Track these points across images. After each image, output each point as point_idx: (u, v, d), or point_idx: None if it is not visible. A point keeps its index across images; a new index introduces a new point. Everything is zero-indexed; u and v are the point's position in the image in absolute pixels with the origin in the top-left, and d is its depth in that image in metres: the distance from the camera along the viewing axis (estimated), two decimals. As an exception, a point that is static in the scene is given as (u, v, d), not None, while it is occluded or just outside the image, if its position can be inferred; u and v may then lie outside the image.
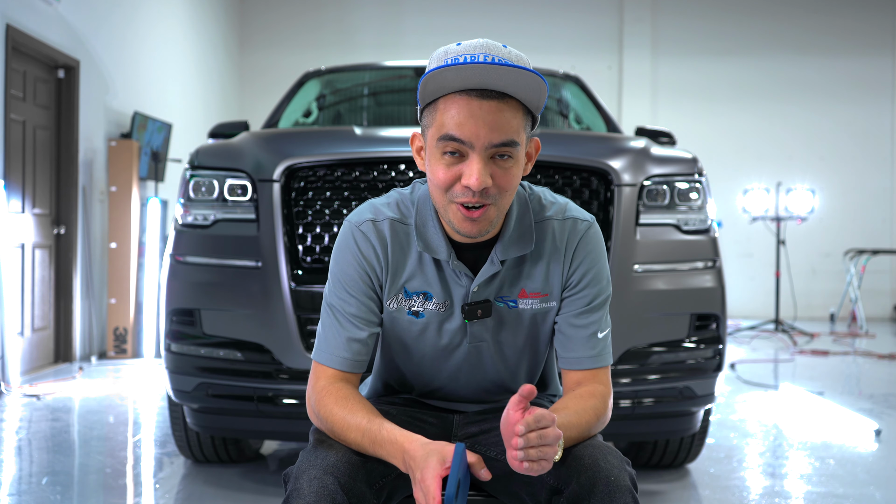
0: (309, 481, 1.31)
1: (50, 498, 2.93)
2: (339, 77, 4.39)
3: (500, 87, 1.33)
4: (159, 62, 7.83)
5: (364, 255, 1.47)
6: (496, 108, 1.33)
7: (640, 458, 3.31)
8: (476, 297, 1.48)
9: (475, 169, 1.34)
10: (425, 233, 1.46)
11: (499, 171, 1.36)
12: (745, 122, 10.48)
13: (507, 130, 1.34)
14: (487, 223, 1.39)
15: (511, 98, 1.35)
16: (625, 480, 1.32)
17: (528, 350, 1.56)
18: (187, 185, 2.93)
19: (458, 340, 1.51)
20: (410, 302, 1.49)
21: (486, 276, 1.46)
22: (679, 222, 2.91)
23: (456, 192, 1.37)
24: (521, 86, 1.33)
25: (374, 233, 1.48)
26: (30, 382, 5.08)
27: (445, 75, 1.32)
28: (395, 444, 1.33)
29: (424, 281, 1.48)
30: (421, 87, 1.35)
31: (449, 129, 1.34)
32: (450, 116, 1.34)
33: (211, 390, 2.82)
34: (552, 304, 1.51)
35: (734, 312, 9.72)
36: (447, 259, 1.46)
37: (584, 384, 1.49)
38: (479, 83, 1.32)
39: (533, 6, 10.41)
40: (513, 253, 1.46)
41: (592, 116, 4.07)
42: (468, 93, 1.33)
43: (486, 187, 1.35)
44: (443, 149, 1.36)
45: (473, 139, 1.33)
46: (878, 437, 4.00)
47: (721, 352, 2.92)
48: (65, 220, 5.98)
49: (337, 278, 1.49)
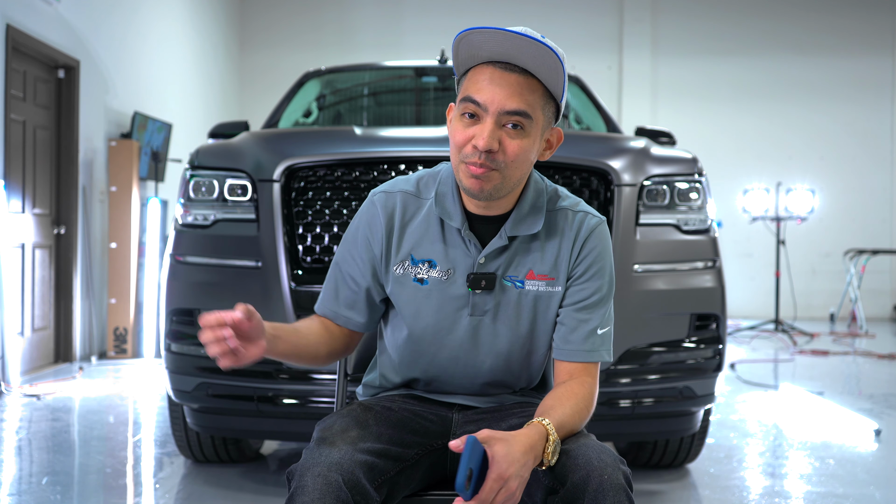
0: (313, 478, 1.32)
1: (50, 498, 2.93)
2: (339, 77, 4.39)
3: (521, 62, 1.42)
4: (159, 62, 7.84)
5: (369, 223, 1.58)
6: (516, 81, 1.43)
7: (640, 457, 3.31)
8: (482, 269, 1.53)
9: (486, 130, 1.42)
10: (444, 201, 1.55)
11: (508, 139, 1.44)
12: (745, 122, 10.48)
13: (521, 101, 1.43)
14: (490, 185, 1.45)
15: (533, 78, 1.44)
16: (619, 479, 1.33)
17: (527, 340, 1.57)
18: (187, 185, 2.93)
19: (460, 311, 1.55)
20: (416, 269, 1.56)
21: (493, 248, 1.52)
22: (679, 222, 2.91)
23: (466, 153, 1.45)
24: (542, 64, 1.42)
25: (383, 203, 1.58)
26: (30, 382, 5.08)
27: (474, 40, 1.41)
28: None
29: (431, 249, 1.55)
30: (454, 52, 1.45)
31: (470, 92, 1.45)
32: (473, 82, 1.45)
33: (211, 390, 2.82)
34: (557, 288, 1.55)
35: (734, 312, 9.72)
36: (460, 226, 1.52)
37: (575, 377, 1.53)
38: (504, 54, 1.42)
39: (533, 6, 10.41)
40: (522, 230, 1.53)
41: (592, 116, 4.07)
42: (494, 64, 1.44)
43: (491, 150, 1.42)
44: (463, 110, 1.46)
45: (488, 103, 1.43)
46: (878, 437, 4.00)
47: (721, 352, 2.92)
48: (65, 220, 5.99)
49: (346, 239, 1.62)
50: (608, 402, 2.80)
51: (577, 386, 1.50)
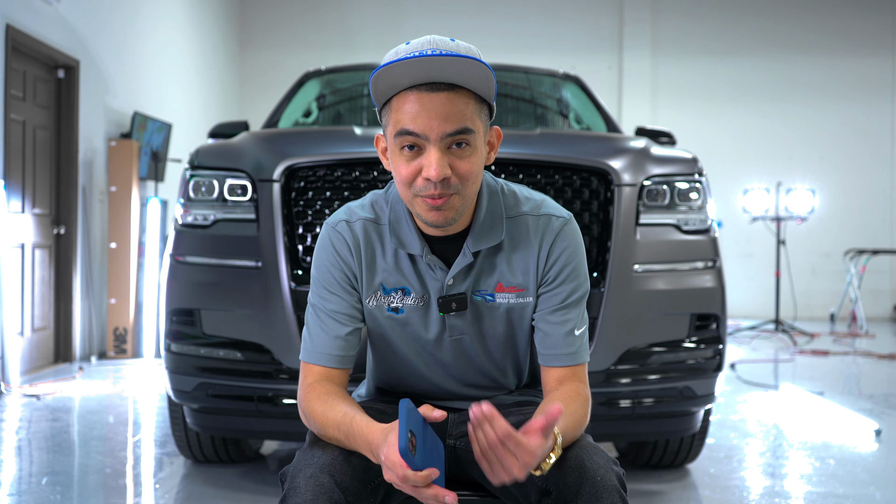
0: (305, 480, 1.31)
1: (50, 498, 2.93)
2: (339, 77, 4.38)
3: (447, 79, 1.36)
4: (159, 62, 7.83)
5: (339, 254, 1.51)
6: (447, 99, 1.36)
7: (640, 458, 3.31)
8: (451, 291, 1.50)
9: (433, 160, 1.36)
10: (399, 229, 1.50)
11: (457, 161, 1.39)
12: (745, 122, 10.48)
13: (459, 119, 1.37)
14: (452, 211, 1.41)
15: (461, 88, 1.38)
16: (612, 480, 1.32)
17: (510, 344, 1.57)
18: (187, 185, 2.93)
19: (439, 334, 1.53)
20: (389, 298, 1.52)
21: (459, 267, 1.48)
22: (679, 222, 2.91)
23: (418, 187, 1.39)
24: (468, 75, 1.36)
25: (348, 232, 1.51)
26: (30, 382, 5.08)
27: (393, 72, 1.35)
28: (362, 436, 1.33)
29: (401, 277, 1.51)
30: (372, 87, 1.38)
31: (404, 124, 1.37)
32: (403, 112, 1.38)
33: (211, 390, 2.82)
34: (528, 299, 1.52)
35: (734, 312, 9.72)
36: (420, 253, 1.48)
37: (565, 382, 1.50)
38: (427, 77, 1.35)
39: (533, 6, 10.41)
40: (484, 244, 1.48)
41: (592, 116, 4.07)
42: (418, 88, 1.36)
43: (446, 177, 1.37)
44: (401, 144, 1.39)
45: (427, 131, 1.36)
46: (878, 437, 4.00)
47: (721, 352, 2.91)
48: (65, 220, 5.99)
49: (317, 279, 1.53)
50: (608, 402, 2.80)
51: (573, 393, 1.47)
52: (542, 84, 4.32)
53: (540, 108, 4.19)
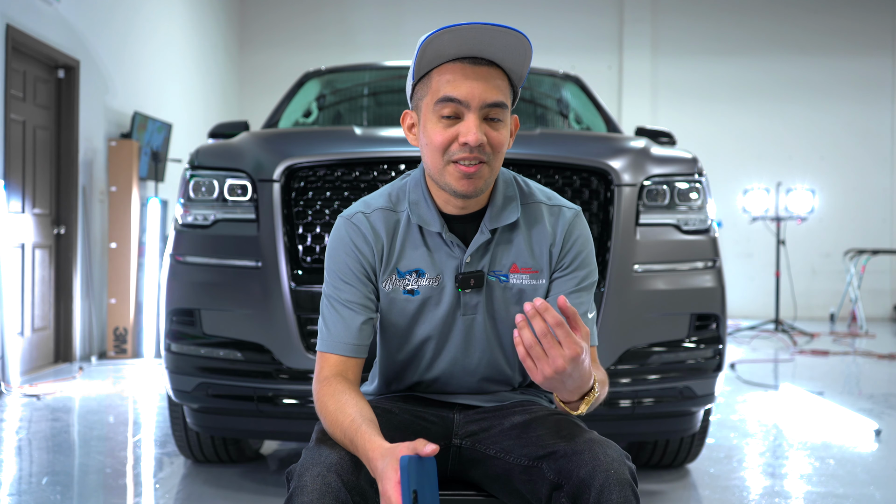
0: (312, 479, 1.31)
1: (50, 498, 2.93)
2: (339, 77, 4.38)
3: (489, 55, 1.44)
4: (159, 62, 7.83)
5: (356, 245, 1.54)
6: (487, 73, 1.45)
7: (640, 457, 3.31)
8: (469, 268, 1.53)
9: (472, 125, 1.44)
10: (419, 209, 1.54)
11: (491, 132, 1.46)
12: (745, 122, 10.48)
13: (498, 92, 1.46)
14: (482, 181, 1.47)
15: (498, 67, 1.46)
16: (625, 474, 1.34)
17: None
18: (187, 185, 2.93)
19: (453, 313, 1.55)
20: (404, 281, 1.55)
21: (477, 244, 1.53)
22: (679, 222, 2.91)
23: (454, 151, 1.45)
24: (511, 52, 1.44)
25: (365, 223, 1.55)
26: (30, 382, 5.08)
27: (442, 39, 1.41)
28: (364, 450, 1.32)
29: (415, 259, 1.55)
30: (419, 55, 1.44)
31: (446, 91, 1.45)
32: (446, 80, 1.45)
33: (211, 390, 2.82)
34: (542, 281, 1.56)
35: (734, 312, 9.72)
36: (440, 230, 1.52)
37: None
38: (471, 50, 1.43)
39: (533, 6, 10.41)
40: (501, 221, 1.54)
41: (592, 116, 4.07)
42: (461, 60, 1.45)
43: (482, 143, 1.44)
44: (440, 111, 1.46)
45: (469, 98, 1.44)
46: (878, 437, 4.00)
47: (721, 352, 2.91)
48: (65, 220, 5.99)
49: (332, 270, 1.56)
50: (608, 402, 2.80)
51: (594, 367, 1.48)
52: (541, 84, 4.32)
53: (540, 108, 4.19)
